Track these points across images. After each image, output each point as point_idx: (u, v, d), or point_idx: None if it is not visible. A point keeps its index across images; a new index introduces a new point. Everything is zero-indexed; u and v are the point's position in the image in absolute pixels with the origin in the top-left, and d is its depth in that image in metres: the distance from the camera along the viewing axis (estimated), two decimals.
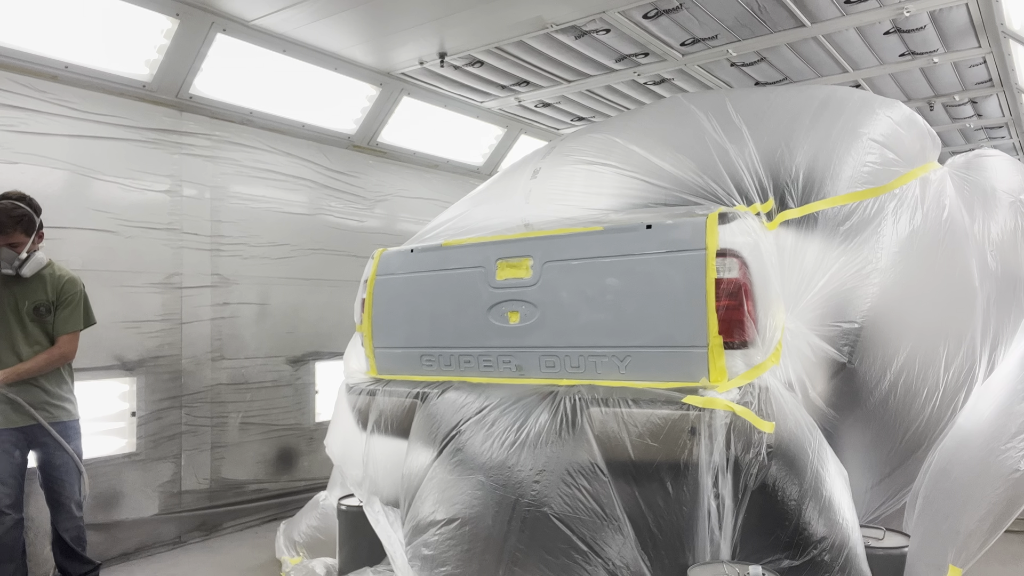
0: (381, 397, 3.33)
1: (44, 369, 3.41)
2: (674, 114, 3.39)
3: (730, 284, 2.52)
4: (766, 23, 4.63)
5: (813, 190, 2.81)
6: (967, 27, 4.64)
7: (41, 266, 3.47)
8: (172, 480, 4.56)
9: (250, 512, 4.97)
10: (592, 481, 2.54)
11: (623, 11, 4.43)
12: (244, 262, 5.00)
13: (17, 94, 3.91)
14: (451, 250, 3.32)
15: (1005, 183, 3.66)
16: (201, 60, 4.49)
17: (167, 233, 4.56)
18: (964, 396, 3.20)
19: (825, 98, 3.19)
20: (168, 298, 4.56)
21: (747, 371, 2.50)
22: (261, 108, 5.05)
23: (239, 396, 4.96)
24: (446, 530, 2.79)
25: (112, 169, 4.31)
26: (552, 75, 5.53)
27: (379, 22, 4.54)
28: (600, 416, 2.58)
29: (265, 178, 5.16)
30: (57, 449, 3.44)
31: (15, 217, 3.34)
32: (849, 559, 2.38)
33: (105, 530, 4.21)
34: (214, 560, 4.34)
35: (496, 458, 2.73)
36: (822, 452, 2.47)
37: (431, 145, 6.43)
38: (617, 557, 2.49)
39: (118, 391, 4.38)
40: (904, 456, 3.08)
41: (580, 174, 3.28)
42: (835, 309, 2.73)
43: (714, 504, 2.39)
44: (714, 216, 2.61)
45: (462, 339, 3.19)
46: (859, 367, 2.78)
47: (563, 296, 2.89)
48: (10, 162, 3.87)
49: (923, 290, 3.03)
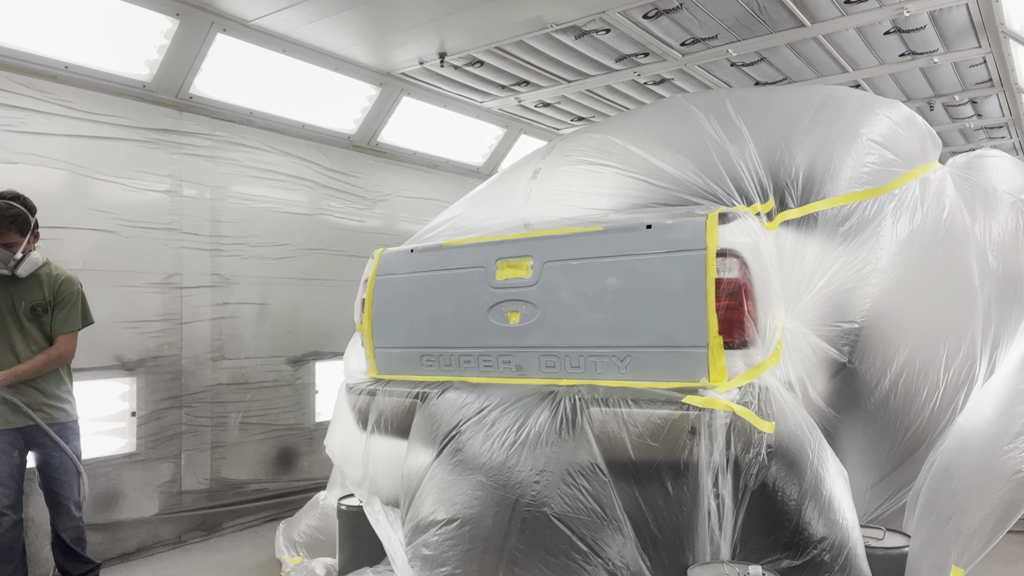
0: (381, 397, 3.33)
1: (42, 370, 3.40)
2: (674, 114, 3.38)
3: (730, 284, 2.52)
4: (766, 23, 4.63)
5: (813, 190, 2.81)
6: (967, 27, 4.64)
7: (37, 266, 3.45)
8: (172, 480, 4.56)
9: (250, 512, 4.97)
10: (592, 481, 2.54)
11: (623, 11, 4.43)
12: (244, 262, 5.00)
13: (17, 94, 3.91)
14: (451, 250, 3.31)
15: (1006, 183, 3.66)
16: (201, 60, 4.49)
17: (167, 233, 4.56)
18: (964, 396, 3.19)
19: (825, 98, 3.19)
20: (168, 298, 4.56)
21: (747, 371, 2.50)
22: (261, 108, 5.05)
23: (239, 396, 4.96)
24: (446, 530, 2.79)
25: (112, 169, 4.31)
26: (552, 75, 5.53)
27: (379, 22, 4.54)
28: (600, 416, 2.58)
29: (265, 178, 5.16)
30: (56, 450, 3.43)
31: (9, 217, 3.33)
32: (849, 559, 2.38)
33: (105, 530, 4.21)
34: (214, 560, 4.34)
35: (496, 458, 2.72)
36: (822, 452, 2.47)
37: (431, 145, 6.43)
38: (617, 557, 2.48)
39: (118, 391, 4.38)
40: (904, 456, 3.08)
41: (580, 174, 3.27)
42: (835, 309, 2.73)
43: (714, 504, 2.39)
44: (714, 216, 2.60)
45: (462, 339, 3.19)
46: (859, 367, 2.78)
47: (563, 296, 2.89)
48: (10, 162, 3.87)
49: (923, 290, 3.03)
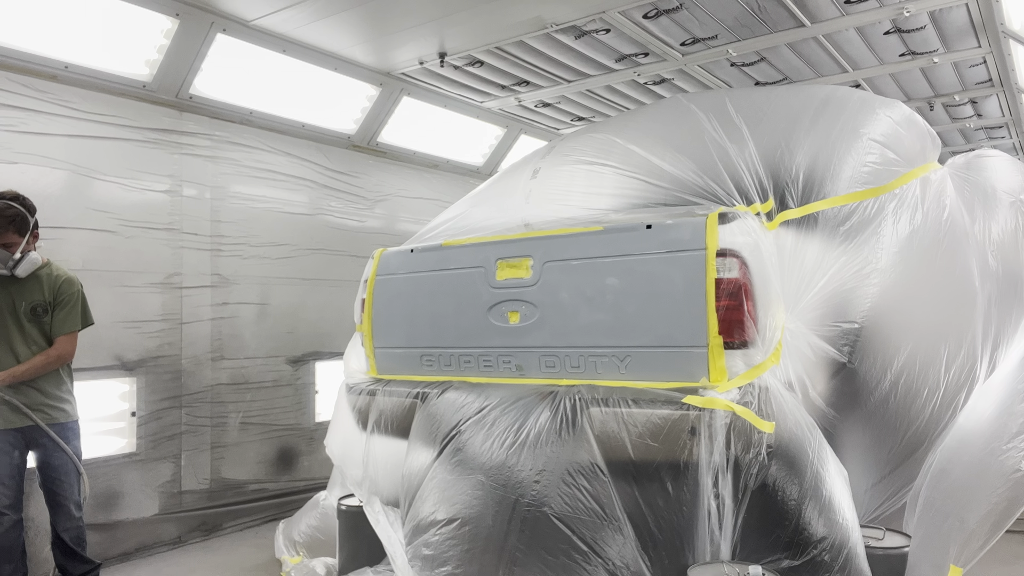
0: (381, 397, 3.33)
1: (42, 371, 3.40)
2: (674, 114, 3.38)
3: (730, 284, 2.52)
4: (766, 23, 4.63)
5: (813, 190, 2.81)
6: (967, 27, 4.64)
7: (36, 266, 3.45)
8: (172, 480, 4.56)
9: (250, 512, 4.97)
10: (592, 481, 2.54)
11: (623, 11, 4.43)
12: (244, 262, 5.00)
13: (17, 94, 3.91)
14: (451, 250, 3.32)
15: (1005, 183, 3.67)
16: (201, 60, 4.49)
17: (167, 233, 4.56)
18: (965, 396, 3.20)
19: (825, 98, 3.19)
20: (168, 298, 4.56)
21: (747, 371, 2.50)
22: (261, 108, 5.05)
23: (239, 396, 4.96)
24: (446, 530, 2.79)
25: (112, 169, 4.31)
26: (552, 75, 5.53)
27: (379, 22, 4.54)
28: (600, 416, 2.58)
29: (265, 178, 5.16)
30: (55, 450, 3.43)
31: (8, 217, 3.33)
32: (849, 559, 2.38)
33: (105, 530, 4.21)
34: (214, 560, 4.34)
35: (496, 458, 2.72)
36: (822, 452, 2.47)
37: (431, 145, 6.43)
38: (617, 557, 2.48)
39: (118, 391, 4.38)
40: (904, 456, 3.09)
41: (580, 174, 3.27)
42: (835, 309, 2.73)
43: (714, 504, 2.39)
44: (714, 216, 2.60)
45: (462, 339, 3.19)
46: (859, 367, 2.78)
47: (563, 296, 2.89)
48: (10, 162, 3.87)
49: (923, 290, 3.03)
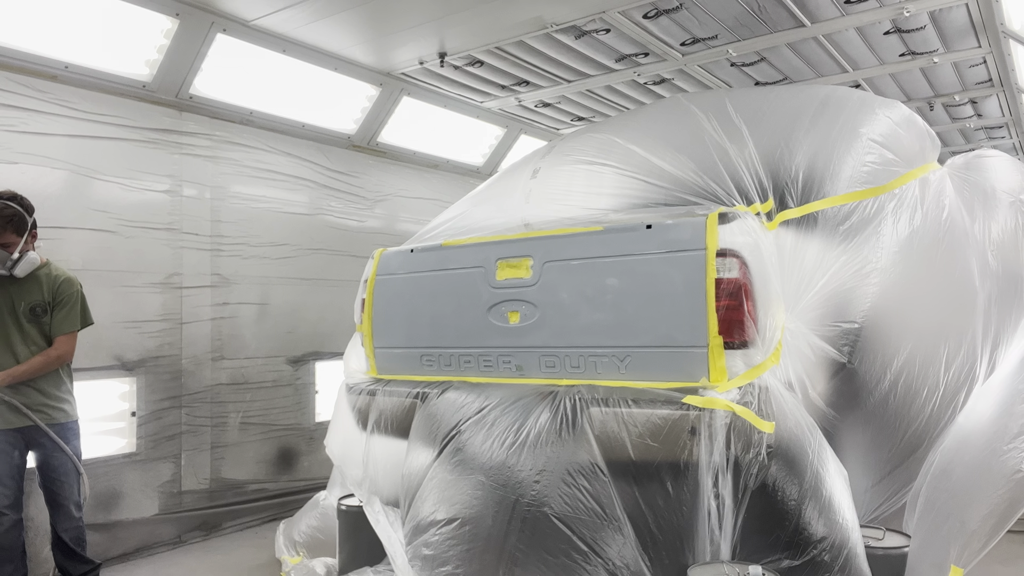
0: (381, 397, 3.33)
1: (41, 371, 3.40)
2: (674, 114, 3.38)
3: (730, 284, 2.52)
4: (766, 23, 4.63)
5: (813, 190, 2.81)
6: (967, 27, 4.64)
7: (35, 266, 3.44)
8: (172, 480, 4.56)
9: (250, 512, 4.97)
10: (592, 481, 2.54)
11: (623, 11, 4.43)
12: (244, 262, 5.00)
13: (17, 94, 3.91)
14: (451, 250, 3.31)
15: (1005, 183, 3.66)
16: (201, 60, 4.49)
17: (167, 233, 4.56)
18: (964, 396, 3.20)
19: (825, 98, 3.19)
20: (168, 298, 4.56)
21: (747, 371, 2.50)
22: (261, 108, 5.05)
23: (239, 396, 4.96)
24: (446, 530, 2.79)
25: (112, 169, 4.31)
26: (552, 75, 5.53)
27: (379, 22, 4.54)
28: (600, 416, 2.58)
29: (265, 178, 5.16)
30: (55, 450, 3.43)
31: (6, 217, 3.32)
32: (849, 559, 2.38)
33: (105, 530, 4.20)
34: (214, 560, 4.34)
35: (496, 458, 2.72)
36: (822, 452, 2.47)
37: (431, 145, 6.43)
38: (617, 557, 2.48)
39: (118, 391, 4.38)
40: (904, 456, 3.09)
41: (580, 174, 3.27)
42: (835, 309, 2.73)
43: (714, 504, 2.39)
44: (714, 216, 2.60)
45: (462, 339, 3.19)
46: (859, 367, 2.78)
47: (563, 296, 2.89)
48: (10, 162, 3.87)
49: (923, 290, 3.03)
